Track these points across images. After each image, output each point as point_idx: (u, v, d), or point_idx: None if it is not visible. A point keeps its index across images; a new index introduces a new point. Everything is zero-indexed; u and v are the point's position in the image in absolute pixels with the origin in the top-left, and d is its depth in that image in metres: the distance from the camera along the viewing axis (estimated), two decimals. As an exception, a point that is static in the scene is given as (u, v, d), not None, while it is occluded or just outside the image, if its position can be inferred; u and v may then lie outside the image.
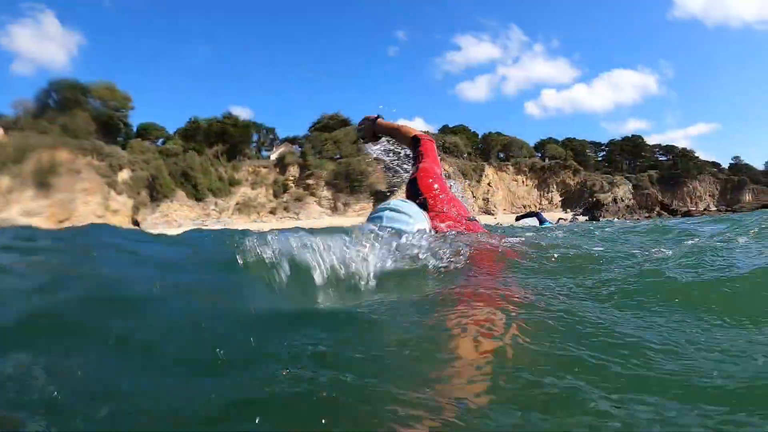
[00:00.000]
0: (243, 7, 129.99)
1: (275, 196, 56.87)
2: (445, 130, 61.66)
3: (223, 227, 54.88)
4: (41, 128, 54.90)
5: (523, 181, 62.54)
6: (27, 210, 51.67)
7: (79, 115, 54.81)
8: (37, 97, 56.15)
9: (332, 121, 57.78)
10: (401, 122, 3.60)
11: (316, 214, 57.43)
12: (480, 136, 60.56)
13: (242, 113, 69.95)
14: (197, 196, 54.82)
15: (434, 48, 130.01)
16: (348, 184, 56.83)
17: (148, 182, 54.26)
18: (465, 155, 59.53)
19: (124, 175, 54.32)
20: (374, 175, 58.07)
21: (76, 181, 53.49)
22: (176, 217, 55.02)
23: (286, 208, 57.17)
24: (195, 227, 56.19)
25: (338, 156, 57.27)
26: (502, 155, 62.22)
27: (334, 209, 57.88)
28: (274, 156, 57.85)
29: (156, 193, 53.98)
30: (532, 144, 65.14)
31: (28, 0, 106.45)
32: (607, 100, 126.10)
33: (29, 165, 52.19)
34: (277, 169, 57.34)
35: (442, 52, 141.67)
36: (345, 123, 57.99)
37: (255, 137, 57.54)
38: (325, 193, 57.63)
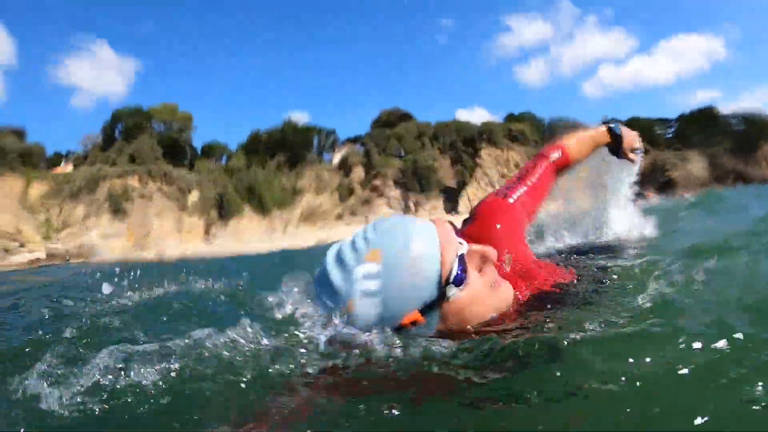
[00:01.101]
0: (285, 12, 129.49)
1: (341, 200, 55.32)
2: (510, 118, 57.71)
3: (285, 247, 54.57)
4: (110, 160, 56.08)
5: (598, 163, 57.52)
6: (105, 233, 53.08)
7: (144, 142, 55.37)
8: (102, 130, 57.35)
9: (392, 116, 55.33)
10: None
11: (385, 216, 55.42)
12: (546, 123, 56.27)
13: (301, 118, 68.86)
14: (263, 210, 54.23)
15: (484, 32, 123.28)
16: (417, 181, 54.41)
17: (216, 201, 54.10)
18: (532, 142, 55.48)
19: (193, 197, 54.50)
20: (442, 170, 55.33)
21: (148, 206, 54.23)
22: (245, 233, 54.89)
23: (353, 213, 55.56)
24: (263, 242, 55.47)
25: (403, 153, 54.83)
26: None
27: (406, 209, 55.70)
28: (336, 158, 56.34)
29: (224, 211, 53.65)
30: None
31: (80, 32, 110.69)
32: (670, 70, 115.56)
33: (102, 193, 53.34)
34: (341, 172, 55.74)
35: (492, 35, 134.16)
36: (405, 117, 55.44)
37: (315, 141, 56.14)
38: (394, 192, 55.46)
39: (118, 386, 1.24)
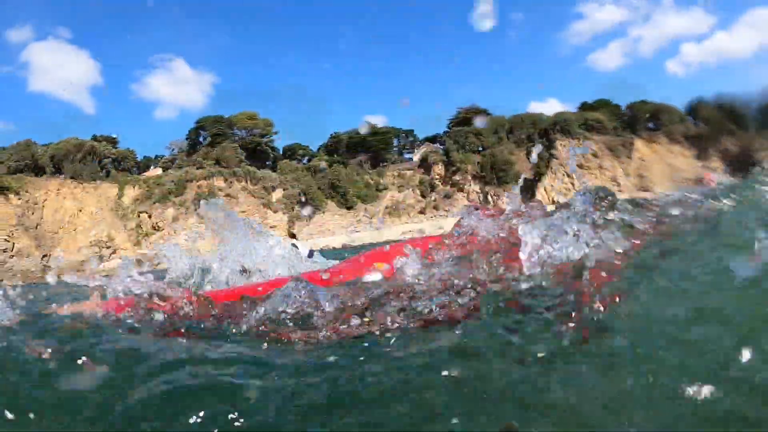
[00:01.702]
0: (356, 19, 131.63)
1: (423, 196, 56.25)
2: (584, 107, 58.73)
3: (376, 228, 55.19)
4: (196, 163, 58.05)
5: (681, 153, 57.96)
6: (191, 235, 53.94)
7: (228, 146, 57.46)
8: (187, 136, 59.87)
9: (469, 114, 56.85)
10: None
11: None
12: (624, 108, 56.95)
13: (378, 121, 71.23)
14: (347, 204, 55.14)
15: (556, 22, 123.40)
16: (495, 174, 55.18)
17: (299, 198, 55.27)
18: (611, 130, 56.27)
19: (278, 194, 55.71)
20: (519, 163, 56.17)
21: (234, 205, 55.38)
22: (330, 227, 55.54)
23: (435, 207, 56.33)
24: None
25: (481, 148, 55.95)
26: (651, 125, 58.07)
27: (485, 202, 56.27)
28: (416, 157, 57.60)
29: (308, 206, 54.95)
30: (681, 108, 60.07)
31: (159, 52, 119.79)
32: (754, 43, 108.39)
33: (189, 195, 54.21)
34: (422, 170, 56.86)
35: (565, 24, 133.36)
36: (481, 114, 56.87)
37: (395, 142, 57.74)
38: (474, 186, 56.29)
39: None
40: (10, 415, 1.32)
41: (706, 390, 1.15)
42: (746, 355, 1.31)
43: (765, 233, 1.92)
